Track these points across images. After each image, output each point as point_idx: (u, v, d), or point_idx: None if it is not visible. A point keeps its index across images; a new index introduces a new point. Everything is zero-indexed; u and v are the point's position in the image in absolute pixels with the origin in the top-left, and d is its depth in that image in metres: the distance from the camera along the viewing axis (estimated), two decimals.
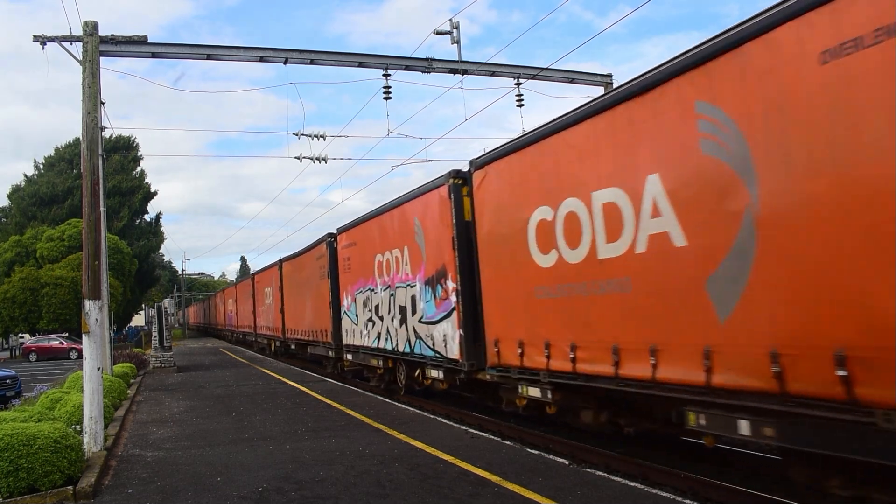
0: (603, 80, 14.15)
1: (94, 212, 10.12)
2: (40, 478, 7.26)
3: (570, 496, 6.64)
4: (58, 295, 41.71)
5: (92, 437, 9.52)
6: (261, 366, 26.24)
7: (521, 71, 13.54)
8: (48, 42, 10.85)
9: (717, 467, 8.14)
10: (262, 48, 12.01)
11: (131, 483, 8.06)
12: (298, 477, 7.87)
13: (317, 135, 15.49)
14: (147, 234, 58.11)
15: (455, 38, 12.81)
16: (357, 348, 17.18)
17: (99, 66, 10.45)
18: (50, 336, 41.72)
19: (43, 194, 51.61)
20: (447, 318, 11.74)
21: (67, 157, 53.65)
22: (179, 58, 11.82)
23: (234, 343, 46.71)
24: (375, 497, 6.89)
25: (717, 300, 6.28)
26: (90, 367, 9.70)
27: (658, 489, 6.96)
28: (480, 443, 9.52)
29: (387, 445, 9.51)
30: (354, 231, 17.06)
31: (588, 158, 8.13)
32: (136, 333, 57.55)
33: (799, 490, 6.58)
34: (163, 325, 27.14)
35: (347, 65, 12.53)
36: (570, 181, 8.46)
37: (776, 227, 5.71)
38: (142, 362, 26.04)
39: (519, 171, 9.67)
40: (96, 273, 9.95)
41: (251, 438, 10.57)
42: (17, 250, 45.74)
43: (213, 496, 7.27)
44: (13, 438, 7.22)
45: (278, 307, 27.89)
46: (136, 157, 56.46)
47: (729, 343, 6.18)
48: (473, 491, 6.95)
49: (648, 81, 7.13)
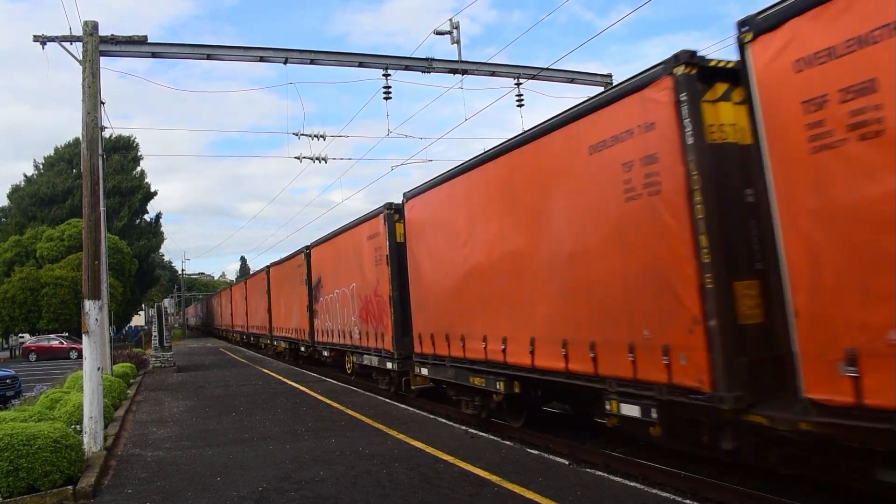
0: (603, 80, 14.12)
1: (94, 212, 10.12)
2: (40, 478, 7.26)
3: (570, 496, 6.64)
4: (58, 295, 41.68)
5: (92, 437, 9.51)
6: (261, 366, 26.24)
7: (521, 71, 13.53)
8: (48, 42, 10.84)
9: (717, 467, 8.13)
10: (262, 48, 11.99)
11: (131, 483, 8.06)
12: (298, 477, 7.87)
13: (317, 135, 15.48)
14: (147, 234, 58.07)
15: (455, 38, 12.81)
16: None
17: (99, 66, 10.45)
18: (50, 336, 41.68)
19: (43, 194, 51.58)
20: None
21: (67, 157, 53.62)
22: (179, 58, 11.80)
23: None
24: (375, 497, 6.89)
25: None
26: (90, 367, 9.70)
27: (658, 489, 6.96)
28: (480, 443, 9.52)
29: (387, 445, 9.51)
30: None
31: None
32: (136, 333, 57.52)
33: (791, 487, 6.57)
34: (163, 325, 27.14)
35: (347, 65, 12.51)
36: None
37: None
38: (142, 362, 26.02)
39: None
40: (96, 273, 9.95)
41: (251, 438, 10.57)
42: (17, 250, 45.71)
43: (212, 496, 7.27)
44: (13, 438, 7.22)
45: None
46: (136, 157, 56.43)
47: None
48: (473, 491, 6.95)
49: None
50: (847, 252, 4.99)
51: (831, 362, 5.04)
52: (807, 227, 5.30)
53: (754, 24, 5.70)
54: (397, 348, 14.39)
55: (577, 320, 8.10)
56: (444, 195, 11.87)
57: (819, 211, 5.21)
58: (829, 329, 5.12)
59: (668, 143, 6.59)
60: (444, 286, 11.81)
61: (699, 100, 6.44)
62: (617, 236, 7.35)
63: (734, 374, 6.03)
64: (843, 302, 5.01)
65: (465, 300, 11.05)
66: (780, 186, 5.53)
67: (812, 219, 5.26)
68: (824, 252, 5.16)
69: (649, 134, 6.84)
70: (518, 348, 9.41)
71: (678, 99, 6.46)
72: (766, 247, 5.81)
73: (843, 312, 5.01)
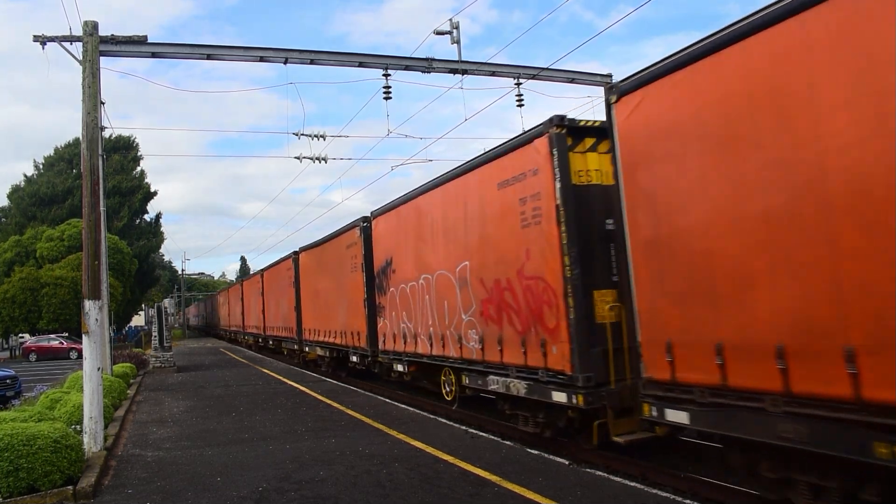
0: (603, 80, 14.10)
1: (94, 212, 10.12)
2: (40, 478, 7.26)
3: (570, 496, 6.64)
4: (58, 295, 41.68)
5: (92, 437, 9.51)
6: (261, 366, 26.24)
7: (521, 71, 13.52)
8: (48, 42, 10.83)
9: (717, 467, 8.12)
10: (262, 48, 11.98)
11: (131, 483, 8.06)
12: (298, 477, 7.87)
13: (317, 135, 15.47)
14: (147, 234, 58.09)
15: (455, 38, 12.79)
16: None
17: (99, 66, 10.44)
18: (50, 336, 41.68)
19: (43, 194, 51.59)
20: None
21: (67, 157, 53.63)
22: (179, 58, 11.79)
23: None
24: (375, 497, 6.89)
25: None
26: (90, 367, 9.70)
27: (658, 489, 6.96)
28: (480, 443, 9.52)
29: (387, 445, 9.51)
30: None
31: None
32: (136, 333, 57.54)
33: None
34: (163, 325, 27.15)
35: (347, 65, 12.51)
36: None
37: None
38: (142, 362, 26.03)
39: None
40: (96, 273, 9.95)
41: (251, 438, 10.57)
42: (17, 250, 45.71)
43: (212, 496, 7.27)
44: (13, 438, 7.23)
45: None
46: (136, 157, 56.45)
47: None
48: (473, 491, 6.95)
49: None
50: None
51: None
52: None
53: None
54: (582, 367, 8.31)
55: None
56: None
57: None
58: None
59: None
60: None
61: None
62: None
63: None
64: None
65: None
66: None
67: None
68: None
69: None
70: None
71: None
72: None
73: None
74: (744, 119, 5.74)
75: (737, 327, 5.88)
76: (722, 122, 5.95)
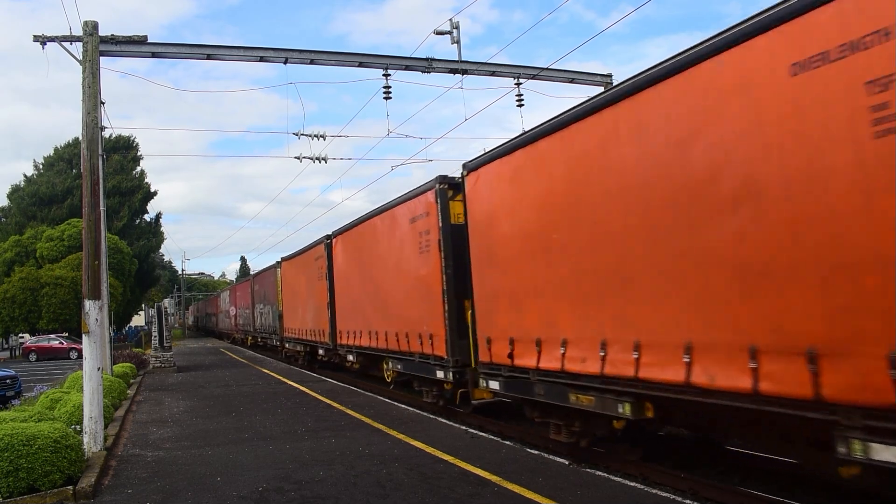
0: (603, 80, 14.12)
1: (94, 212, 10.12)
2: (40, 478, 7.26)
3: (570, 496, 6.64)
4: (58, 295, 41.70)
5: (92, 437, 9.51)
6: (261, 366, 26.24)
7: (522, 71, 13.52)
8: (48, 42, 10.83)
9: (717, 467, 8.13)
10: (263, 48, 11.99)
11: (131, 483, 8.06)
12: (298, 477, 7.88)
13: (317, 135, 15.48)
14: (147, 234, 58.08)
15: (455, 38, 12.80)
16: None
17: (99, 65, 10.44)
18: (50, 336, 41.69)
19: (43, 194, 51.58)
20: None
21: (67, 156, 53.61)
22: (180, 58, 11.80)
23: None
24: (375, 497, 6.89)
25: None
26: (90, 367, 9.70)
27: (658, 489, 6.96)
28: (480, 443, 9.52)
29: (387, 445, 9.51)
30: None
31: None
32: (136, 333, 57.52)
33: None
34: (163, 325, 27.15)
35: (347, 65, 12.51)
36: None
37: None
38: (142, 362, 26.03)
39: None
40: (96, 273, 9.95)
41: (251, 438, 10.58)
42: (17, 250, 45.72)
43: (212, 496, 7.27)
44: (13, 438, 7.22)
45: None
46: (136, 157, 56.41)
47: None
48: (473, 491, 6.95)
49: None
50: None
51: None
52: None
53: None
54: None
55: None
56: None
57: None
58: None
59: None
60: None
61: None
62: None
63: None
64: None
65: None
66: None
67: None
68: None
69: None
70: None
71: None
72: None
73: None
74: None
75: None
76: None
